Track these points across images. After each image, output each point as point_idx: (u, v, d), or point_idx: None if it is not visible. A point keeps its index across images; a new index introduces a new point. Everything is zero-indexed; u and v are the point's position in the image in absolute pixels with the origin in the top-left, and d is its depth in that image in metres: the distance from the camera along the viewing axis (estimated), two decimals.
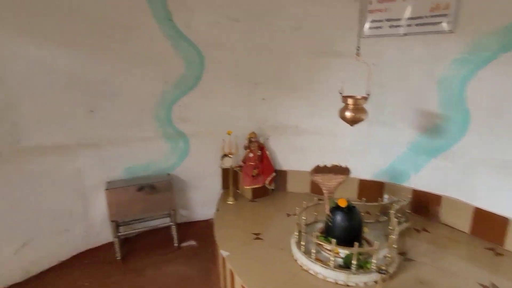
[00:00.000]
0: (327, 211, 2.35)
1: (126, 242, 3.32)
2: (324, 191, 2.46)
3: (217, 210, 3.22)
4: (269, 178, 3.45)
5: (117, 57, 2.97)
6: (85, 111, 2.94)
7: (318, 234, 2.31)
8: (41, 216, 2.86)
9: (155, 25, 3.03)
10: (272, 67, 3.39)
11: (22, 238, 2.77)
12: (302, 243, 2.30)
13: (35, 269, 2.88)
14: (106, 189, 3.01)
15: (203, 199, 3.70)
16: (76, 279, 2.84)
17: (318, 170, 2.47)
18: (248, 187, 3.39)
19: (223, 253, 2.45)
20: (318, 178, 2.45)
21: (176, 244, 3.32)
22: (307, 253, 2.24)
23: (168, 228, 3.37)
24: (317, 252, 2.25)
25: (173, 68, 3.25)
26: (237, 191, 3.55)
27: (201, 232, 3.55)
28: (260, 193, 3.44)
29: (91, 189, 3.12)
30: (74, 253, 3.15)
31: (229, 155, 3.27)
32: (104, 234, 3.27)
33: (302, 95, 3.38)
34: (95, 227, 3.24)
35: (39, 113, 2.72)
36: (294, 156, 3.54)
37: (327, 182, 2.45)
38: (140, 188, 3.12)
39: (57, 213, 2.97)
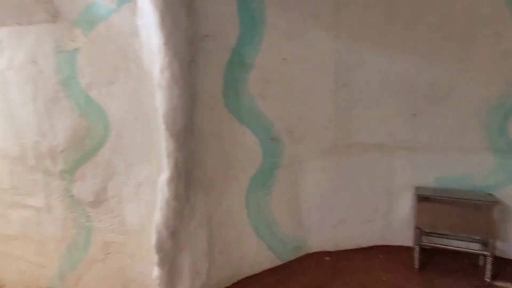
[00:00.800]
0: None
1: (422, 252, 3.16)
2: None
3: None
4: None
5: (452, 59, 2.79)
6: (408, 114, 3.01)
7: None
8: (353, 202, 3.28)
9: (507, 17, 2.55)
10: None
11: (338, 216, 3.32)
12: None
13: (342, 245, 3.37)
14: (417, 194, 2.97)
15: None
16: (373, 269, 3.04)
17: None
18: None
19: None
20: None
21: (487, 279, 2.76)
22: None
23: (475, 255, 2.89)
24: None
25: None
26: None
27: None
28: None
29: (398, 190, 3.21)
30: (372, 244, 3.40)
31: None
32: (400, 236, 3.28)
33: None
34: (393, 226, 3.32)
35: (368, 114, 3.08)
36: None
37: None
38: (454, 203, 2.83)
39: (366, 204, 3.29)
